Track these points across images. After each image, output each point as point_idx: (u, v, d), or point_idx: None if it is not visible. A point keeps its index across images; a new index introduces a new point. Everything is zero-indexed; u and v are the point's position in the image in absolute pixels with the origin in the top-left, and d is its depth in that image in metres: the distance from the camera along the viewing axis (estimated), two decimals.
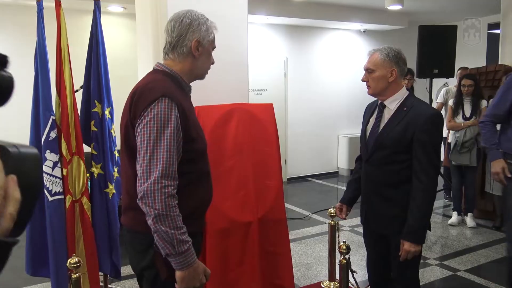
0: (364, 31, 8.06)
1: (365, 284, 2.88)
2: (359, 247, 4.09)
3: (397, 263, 2.17)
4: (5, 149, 0.55)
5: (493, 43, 7.20)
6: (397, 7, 6.29)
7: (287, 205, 5.41)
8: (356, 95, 7.77)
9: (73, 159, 2.60)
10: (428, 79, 5.17)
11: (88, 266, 2.65)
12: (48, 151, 2.54)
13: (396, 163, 2.09)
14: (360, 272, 3.19)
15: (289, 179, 7.44)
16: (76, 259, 2.23)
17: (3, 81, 0.58)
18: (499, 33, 5.74)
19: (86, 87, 2.79)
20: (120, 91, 3.29)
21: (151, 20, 2.89)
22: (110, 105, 2.82)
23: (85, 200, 2.65)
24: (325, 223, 4.87)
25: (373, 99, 2.31)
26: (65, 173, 2.58)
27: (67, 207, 2.58)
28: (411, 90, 4.13)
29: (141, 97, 1.49)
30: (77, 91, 2.76)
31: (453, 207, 5.01)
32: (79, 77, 2.81)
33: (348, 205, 2.45)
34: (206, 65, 1.70)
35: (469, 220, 4.82)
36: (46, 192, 2.53)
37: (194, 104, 1.78)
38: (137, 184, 1.43)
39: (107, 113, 2.77)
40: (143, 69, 3.06)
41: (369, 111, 2.32)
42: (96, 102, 2.74)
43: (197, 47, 1.62)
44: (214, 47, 1.71)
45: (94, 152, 2.74)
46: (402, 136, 2.04)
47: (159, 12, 2.80)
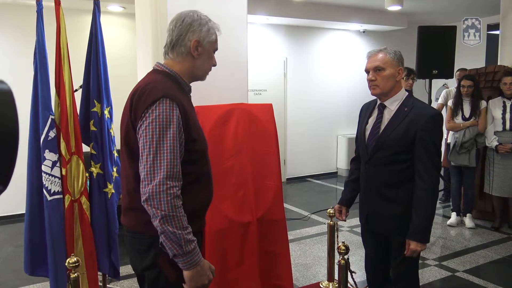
0: (364, 31, 8.06)
1: (364, 284, 2.88)
2: (358, 247, 4.09)
3: (397, 263, 2.18)
4: None
5: (492, 44, 7.20)
6: (396, 7, 6.30)
7: (286, 205, 5.42)
8: (355, 96, 7.78)
9: (72, 159, 2.60)
10: (427, 80, 5.18)
11: (86, 266, 2.65)
12: (47, 150, 2.53)
13: (398, 163, 2.09)
14: (359, 272, 3.20)
15: (288, 179, 7.44)
16: (75, 258, 2.23)
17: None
18: (498, 34, 5.75)
19: (86, 86, 2.79)
20: (120, 90, 3.29)
21: (150, 20, 2.89)
22: (110, 104, 2.82)
23: (84, 199, 2.64)
24: (324, 224, 4.87)
25: (372, 98, 2.30)
26: (64, 172, 2.57)
27: (66, 206, 2.58)
28: (410, 90, 4.13)
29: (141, 98, 1.48)
30: (76, 90, 2.76)
31: (452, 207, 5.02)
32: (78, 77, 2.82)
33: (347, 206, 2.47)
34: (205, 66, 1.67)
35: (468, 220, 4.82)
36: (45, 192, 2.53)
37: (193, 104, 1.77)
38: (141, 186, 1.42)
39: (106, 112, 2.77)
40: (142, 68, 3.05)
41: (366, 111, 2.30)
42: (95, 101, 2.74)
43: (196, 47, 1.61)
44: (216, 49, 1.69)
45: (93, 152, 2.74)
46: (404, 136, 2.04)
47: (158, 12, 2.80)
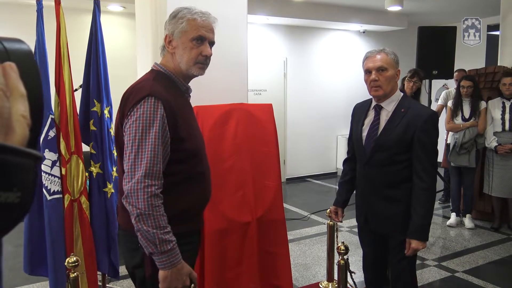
0: (364, 32, 8.06)
1: (363, 284, 2.88)
2: (357, 247, 4.08)
3: (396, 262, 2.18)
4: None
5: (492, 44, 7.21)
6: (396, 8, 6.31)
7: (285, 205, 5.41)
8: (355, 96, 7.73)
9: (72, 158, 2.60)
10: (427, 80, 5.18)
11: (86, 266, 2.65)
12: (46, 150, 2.54)
13: (396, 163, 2.10)
14: (358, 272, 3.19)
15: (288, 179, 7.44)
16: (74, 258, 2.23)
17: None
18: (498, 35, 5.75)
19: (85, 86, 2.78)
20: (120, 90, 3.26)
21: (150, 19, 2.89)
22: (109, 104, 2.82)
23: (83, 199, 2.64)
24: (324, 224, 4.87)
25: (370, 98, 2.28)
26: (63, 172, 2.57)
27: (65, 206, 2.58)
28: (418, 93, 4.03)
29: (129, 97, 1.50)
30: (76, 90, 2.76)
31: (451, 208, 5.02)
32: (78, 76, 2.81)
33: (342, 207, 2.50)
34: (185, 58, 1.56)
35: (467, 221, 4.82)
36: (44, 191, 2.53)
37: (193, 104, 1.77)
38: (123, 183, 1.43)
39: (106, 112, 2.77)
40: (142, 68, 3.05)
41: (360, 112, 2.27)
42: (95, 101, 2.74)
43: (169, 42, 1.59)
44: (197, 36, 1.54)
45: (93, 151, 2.73)
46: (402, 137, 2.05)
47: (158, 11, 2.79)
